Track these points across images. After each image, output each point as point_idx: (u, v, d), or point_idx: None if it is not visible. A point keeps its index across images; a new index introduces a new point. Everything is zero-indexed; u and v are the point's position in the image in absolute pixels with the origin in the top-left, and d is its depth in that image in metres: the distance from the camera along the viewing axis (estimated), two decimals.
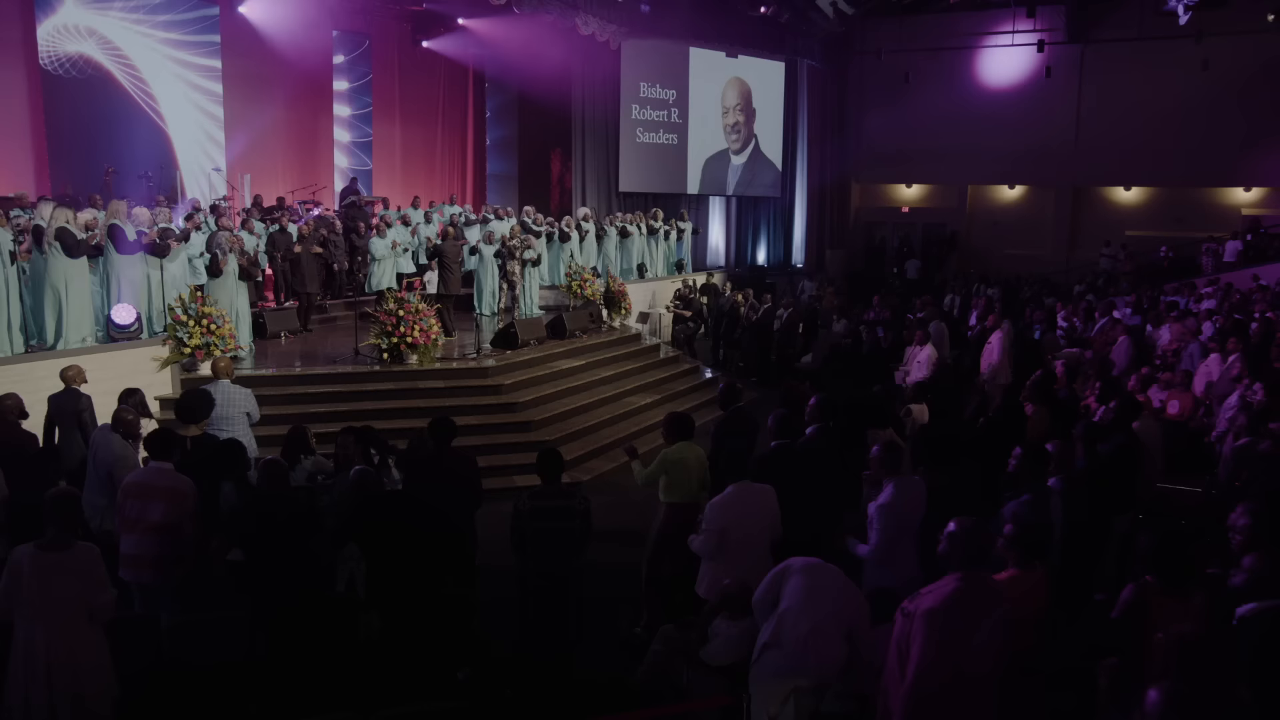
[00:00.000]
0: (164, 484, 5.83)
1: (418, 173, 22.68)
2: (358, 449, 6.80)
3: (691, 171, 23.53)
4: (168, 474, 5.88)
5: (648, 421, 12.36)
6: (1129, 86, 25.05)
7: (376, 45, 21.49)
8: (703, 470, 6.68)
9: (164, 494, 5.78)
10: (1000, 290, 21.34)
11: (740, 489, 5.70)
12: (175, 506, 5.77)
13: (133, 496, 5.80)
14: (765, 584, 4.65)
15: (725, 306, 17.52)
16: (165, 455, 5.94)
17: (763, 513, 5.73)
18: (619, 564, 8.13)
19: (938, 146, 27.06)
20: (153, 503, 5.75)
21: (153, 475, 5.88)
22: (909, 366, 12.55)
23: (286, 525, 5.53)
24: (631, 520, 9.41)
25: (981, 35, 26.77)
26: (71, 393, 8.30)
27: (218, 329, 10.50)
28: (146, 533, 5.74)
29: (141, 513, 5.75)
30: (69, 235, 9.77)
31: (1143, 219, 26.69)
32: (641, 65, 21.93)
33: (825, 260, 27.82)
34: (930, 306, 15.06)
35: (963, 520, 3.99)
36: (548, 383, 12.15)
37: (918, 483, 5.57)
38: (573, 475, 10.54)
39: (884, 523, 5.34)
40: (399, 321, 11.35)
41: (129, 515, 5.79)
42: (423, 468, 6.61)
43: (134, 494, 5.81)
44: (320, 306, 15.25)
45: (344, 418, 10.44)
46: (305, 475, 7.43)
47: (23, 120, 15.83)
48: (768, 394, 14.96)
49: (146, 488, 5.81)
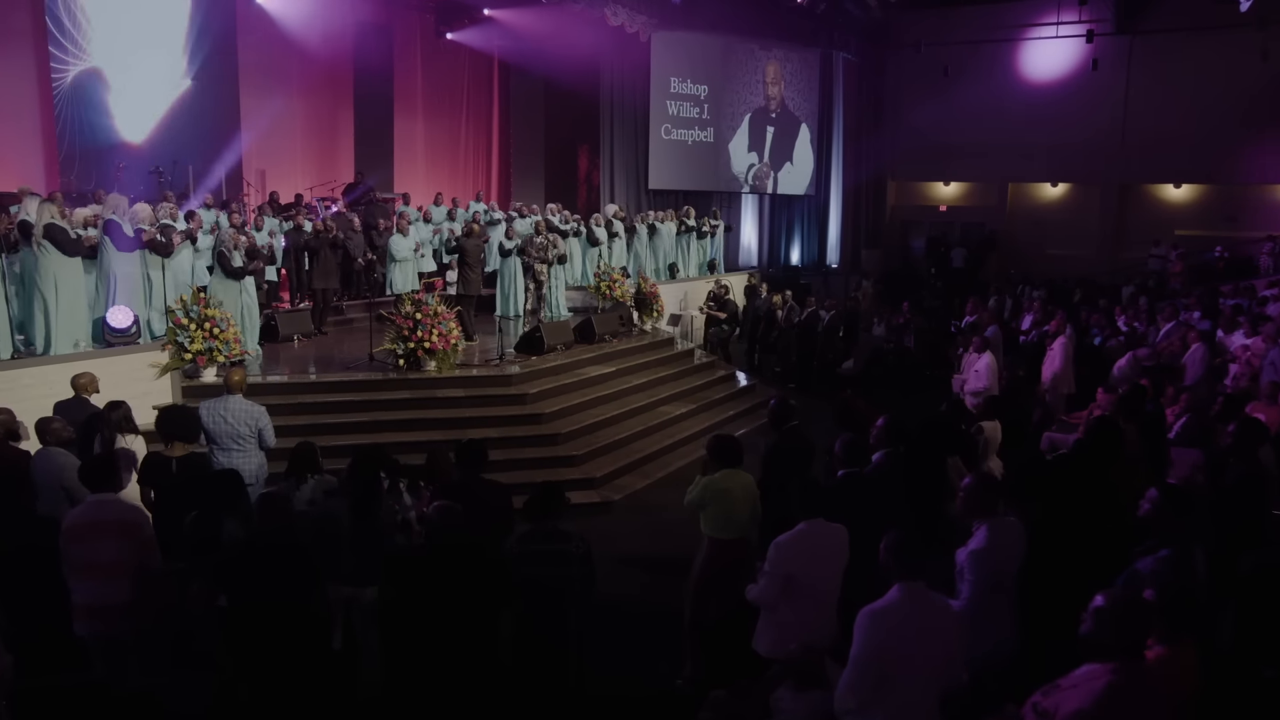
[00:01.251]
0: (111, 518, 5.00)
1: (441, 169, 21.96)
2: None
3: (722, 168, 22.68)
4: (113, 506, 5.06)
5: (682, 434, 11.54)
6: (1181, 78, 23.94)
7: (399, 37, 20.78)
8: (752, 502, 5.83)
9: (113, 529, 4.97)
10: (1046, 292, 20.34)
11: (811, 528, 4.85)
12: (130, 542, 4.97)
13: (76, 539, 4.99)
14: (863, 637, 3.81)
15: (763, 309, 16.65)
16: (108, 484, 5.11)
17: (836, 557, 4.90)
18: (654, 600, 7.34)
19: (978, 142, 26.11)
20: (102, 541, 4.94)
21: (96, 510, 5.03)
22: (966, 375, 11.65)
23: (281, 573, 4.70)
24: (668, 547, 8.59)
25: (1024, 27, 25.77)
26: (79, 401, 7.61)
27: (221, 333, 9.75)
28: (102, 577, 4.94)
29: (91, 555, 4.94)
30: (60, 232, 9.04)
31: (1193, 218, 25.61)
32: (672, 58, 21.18)
33: (861, 260, 26.90)
34: (983, 310, 14.09)
35: (1118, 594, 3.13)
36: (575, 391, 11.34)
37: (1015, 525, 4.69)
38: (603, 494, 9.74)
39: (978, 574, 4.48)
40: (416, 325, 10.57)
41: (76, 561, 4.99)
42: (450, 498, 5.73)
43: (77, 535, 4.99)
44: (337, 308, 14.54)
45: (355, 429, 9.77)
46: (307, 499, 6.67)
47: (32, 114, 15.23)
48: (810, 403, 14.08)
49: (91, 526, 4.99)
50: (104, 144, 15.60)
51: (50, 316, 9.10)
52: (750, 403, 13.38)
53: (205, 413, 7.28)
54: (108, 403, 7.10)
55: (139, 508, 5.06)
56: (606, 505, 9.54)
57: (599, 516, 9.30)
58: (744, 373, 15.06)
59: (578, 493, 9.56)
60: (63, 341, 9.19)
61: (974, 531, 4.60)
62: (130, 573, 4.94)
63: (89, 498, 5.08)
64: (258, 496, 5.11)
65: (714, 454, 5.81)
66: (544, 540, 4.91)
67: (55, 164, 15.41)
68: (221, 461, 7.23)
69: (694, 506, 5.84)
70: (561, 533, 4.96)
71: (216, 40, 17.01)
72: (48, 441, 6.43)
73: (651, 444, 11.06)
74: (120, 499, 5.09)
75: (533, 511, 4.96)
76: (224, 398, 7.37)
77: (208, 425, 7.24)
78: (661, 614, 6.76)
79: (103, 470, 5.11)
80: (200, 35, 16.80)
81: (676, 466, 10.77)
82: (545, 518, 4.96)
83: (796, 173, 24.68)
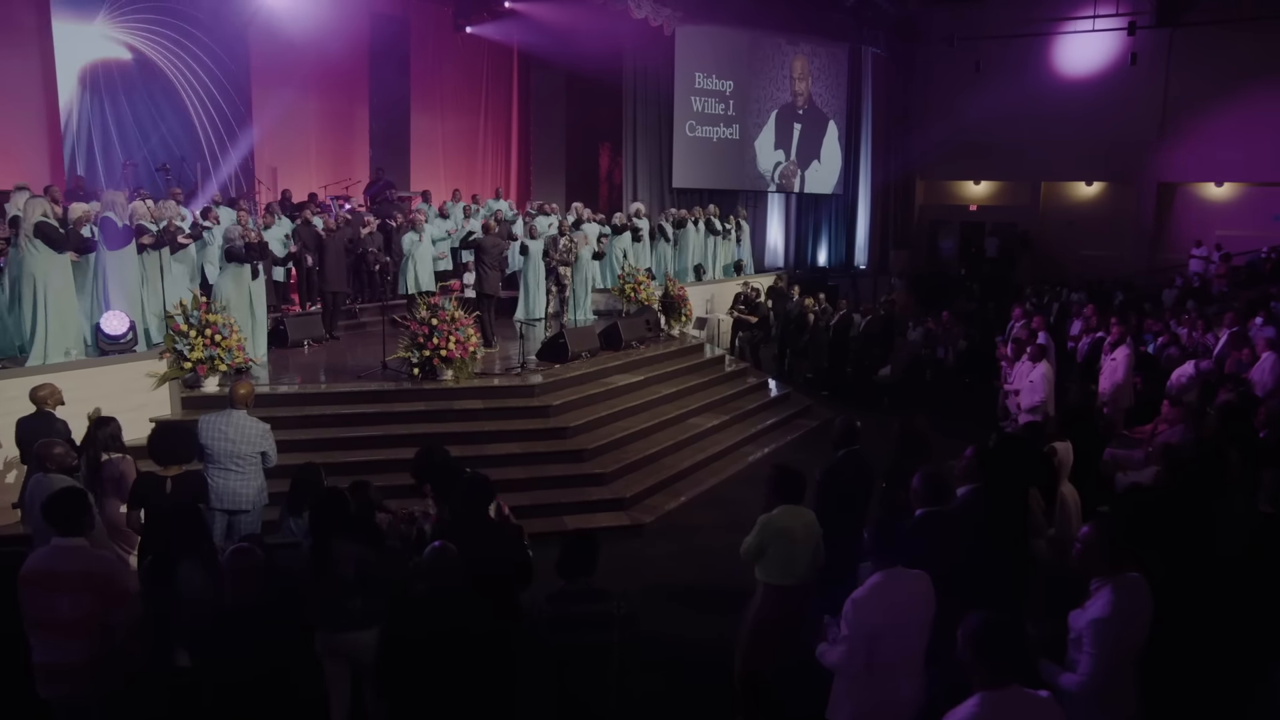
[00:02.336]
0: (72, 568, 4.28)
1: (459, 166, 21.30)
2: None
3: (748, 167, 21.94)
4: (76, 553, 4.34)
5: (715, 448, 10.82)
6: (1224, 73, 23.10)
7: (415, 30, 20.14)
8: (815, 543, 5.11)
9: (74, 582, 4.27)
10: (1085, 295, 19.52)
11: (891, 580, 4.13)
12: (93, 596, 4.28)
13: (32, 589, 4.30)
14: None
15: (793, 312, 15.89)
16: (71, 527, 4.38)
17: (921, 611, 4.18)
18: (695, 640, 6.62)
19: (1010, 140, 25.33)
20: (61, 594, 4.24)
21: (54, 558, 4.32)
22: (1016, 385, 10.89)
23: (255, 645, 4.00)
24: (706, 576, 7.92)
25: (1060, 21, 24.94)
26: (44, 416, 6.97)
27: (224, 340, 9.08)
28: (60, 635, 4.26)
29: (48, 609, 4.25)
30: (52, 229, 8.37)
31: (1235, 218, 24.71)
32: (697, 53, 20.47)
33: (889, 261, 26.12)
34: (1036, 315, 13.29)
35: None
36: (601, 403, 10.61)
37: (1140, 586, 3.92)
38: (633, 515, 9.01)
39: (1102, 647, 3.73)
40: (432, 332, 9.89)
41: (31, 615, 4.29)
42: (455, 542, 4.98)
43: (34, 583, 4.30)
44: (349, 311, 13.89)
45: (367, 444, 9.14)
46: (306, 529, 6.00)
47: (38, 109, 14.66)
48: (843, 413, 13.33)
49: (48, 575, 4.29)
50: (111, 140, 15.05)
51: (39, 323, 8.42)
52: (784, 413, 12.64)
53: (205, 428, 6.61)
54: (94, 419, 6.45)
55: (109, 556, 4.37)
56: (637, 529, 8.81)
57: (629, 541, 8.59)
58: (774, 380, 14.33)
59: (606, 514, 8.91)
60: (53, 348, 8.52)
61: (1093, 593, 3.86)
62: (93, 631, 4.25)
63: (51, 541, 4.37)
64: (228, 554, 4.36)
65: (775, 488, 5.08)
66: (580, 600, 4.15)
67: (60, 160, 14.87)
68: (218, 483, 6.57)
69: (754, 555, 5.10)
70: (600, 592, 4.19)
71: (228, 34, 16.43)
72: (47, 468, 5.73)
73: (683, 460, 10.33)
74: (85, 546, 4.38)
75: (568, 569, 4.22)
76: (227, 412, 6.69)
77: (206, 442, 6.57)
78: (706, 660, 6.07)
79: (66, 508, 4.38)
80: (212, 29, 16.23)
81: (710, 484, 10.06)
82: (581, 574, 4.23)
83: (824, 171, 23.94)
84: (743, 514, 9.26)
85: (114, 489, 6.25)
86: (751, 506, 9.46)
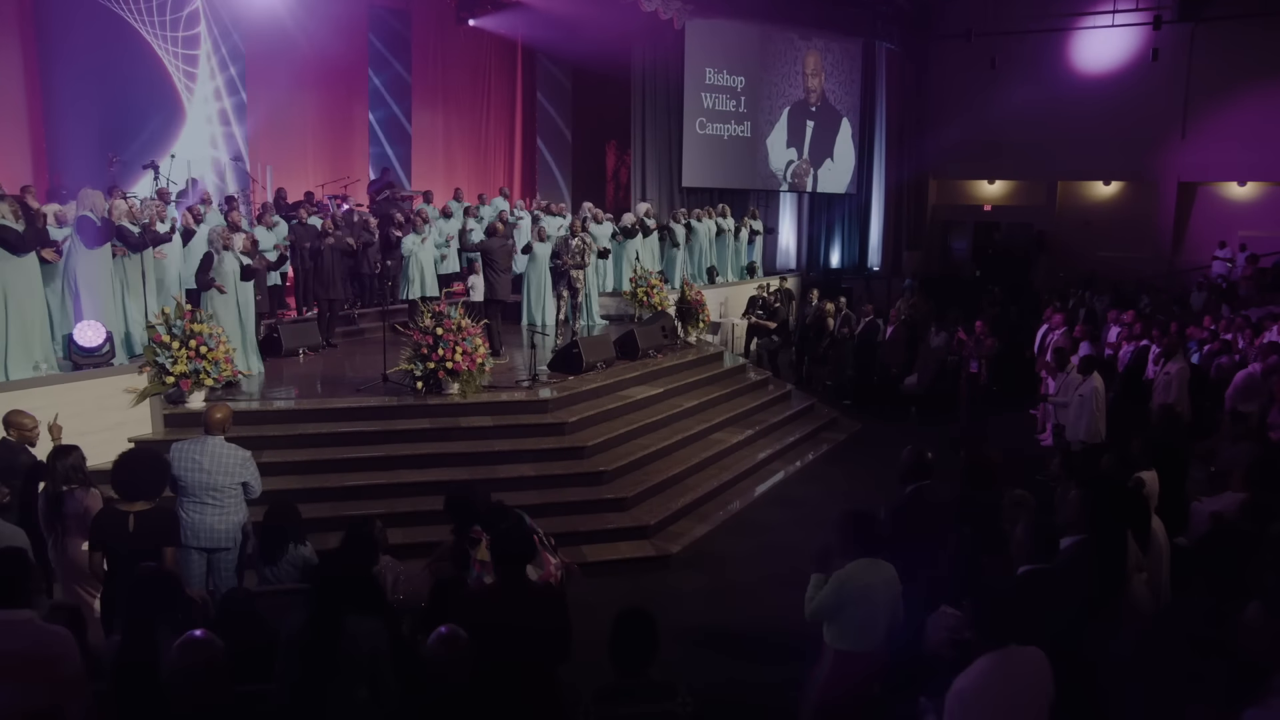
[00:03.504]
0: (13, 648, 3.53)
1: (462, 165, 20.55)
2: None
3: (760, 165, 21.21)
4: (19, 629, 3.59)
5: (741, 466, 10.09)
6: (1248, 69, 22.40)
7: (417, 23, 19.40)
8: (896, 603, 4.34)
9: (15, 665, 3.50)
10: (1109, 300, 18.79)
11: (1003, 664, 3.39)
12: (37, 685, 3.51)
13: None
14: None
15: (812, 317, 15.14)
16: (15, 598, 3.63)
17: (1039, 696, 3.44)
18: (738, 695, 5.86)
19: (1026, 138, 24.61)
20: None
21: None
22: (1063, 397, 10.12)
23: None
24: (743, 616, 7.16)
25: (1078, 16, 24.24)
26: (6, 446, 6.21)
27: (210, 352, 8.32)
28: None
29: None
30: (9, 232, 7.59)
31: (1258, 218, 23.99)
32: (707, 48, 19.74)
33: (903, 263, 25.41)
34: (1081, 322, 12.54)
35: None
36: (619, 418, 9.84)
37: None
38: (658, 545, 8.25)
39: None
40: (437, 342, 9.13)
41: None
42: (482, 614, 4.03)
43: None
44: (348, 317, 13.14)
45: (367, 466, 8.40)
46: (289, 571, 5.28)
47: (18, 104, 13.92)
48: (871, 427, 12.62)
49: None
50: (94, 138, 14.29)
51: (2, 334, 7.64)
52: (811, 425, 11.91)
53: (177, 457, 5.83)
54: (53, 449, 5.69)
55: (60, 634, 3.59)
56: (663, 559, 8.05)
57: (655, 573, 7.85)
58: (795, 389, 13.58)
59: (629, 544, 8.16)
60: (17, 364, 7.73)
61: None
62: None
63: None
64: (175, 648, 3.44)
65: (850, 538, 4.30)
66: (637, 700, 3.37)
67: (44, 159, 14.14)
68: (194, 518, 5.81)
69: (826, 616, 4.35)
70: (663, 687, 3.40)
71: (221, 28, 15.69)
72: None
73: (708, 480, 9.58)
74: (31, 620, 3.60)
75: (624, 658, 3.45)
76: (201, 439, 5.92)
77: (178, 473, 5.79)
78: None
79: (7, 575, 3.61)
80: (203, 23, 15.49)
81: (737, 508, 9.31)
82: (640, 665, 3.45)
83: (837, 170, 23.20)
84: (774, 540, 8.57)
85: (76, 526, 5.49)
86: (781, 531, 8.82)
